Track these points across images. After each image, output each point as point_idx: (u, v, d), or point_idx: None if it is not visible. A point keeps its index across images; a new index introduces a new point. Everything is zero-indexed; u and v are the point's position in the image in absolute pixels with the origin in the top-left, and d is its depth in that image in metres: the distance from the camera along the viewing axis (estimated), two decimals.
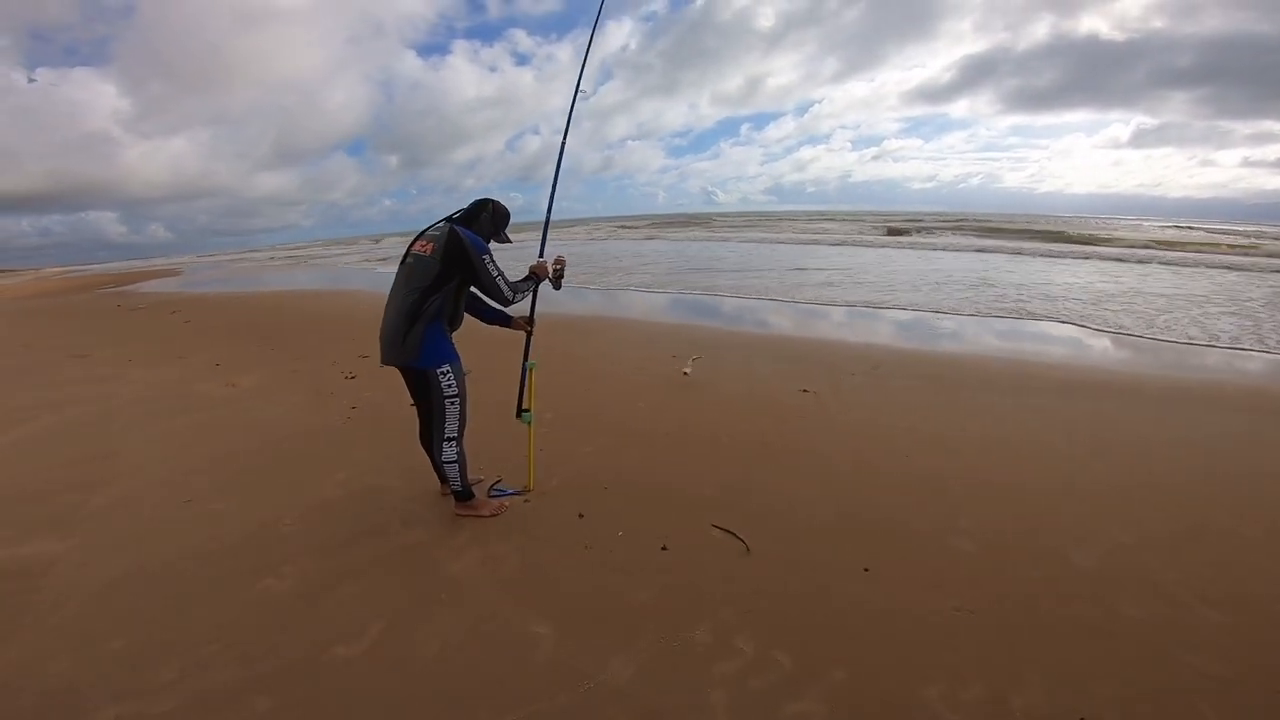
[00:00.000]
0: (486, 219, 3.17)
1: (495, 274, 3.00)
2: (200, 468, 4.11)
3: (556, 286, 3.40)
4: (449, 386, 3.07)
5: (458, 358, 3.11)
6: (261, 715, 2.03)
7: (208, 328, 10.67)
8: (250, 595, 2.67)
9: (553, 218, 3.48)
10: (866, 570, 2.74)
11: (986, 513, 3.21)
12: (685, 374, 4.34)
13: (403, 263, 3.07)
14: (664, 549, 2.92)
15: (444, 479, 3.32)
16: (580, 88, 3.53)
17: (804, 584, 2.66)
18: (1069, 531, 3.04)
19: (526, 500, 3.42)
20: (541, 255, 3.39)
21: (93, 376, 7.06)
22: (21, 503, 3.71)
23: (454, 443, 3.14)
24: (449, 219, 3.14)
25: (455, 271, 2.98)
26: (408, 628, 2.43)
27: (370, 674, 2.21)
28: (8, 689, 2.18)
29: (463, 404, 3.12)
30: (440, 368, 3.04)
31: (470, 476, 3.26)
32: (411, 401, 3.35)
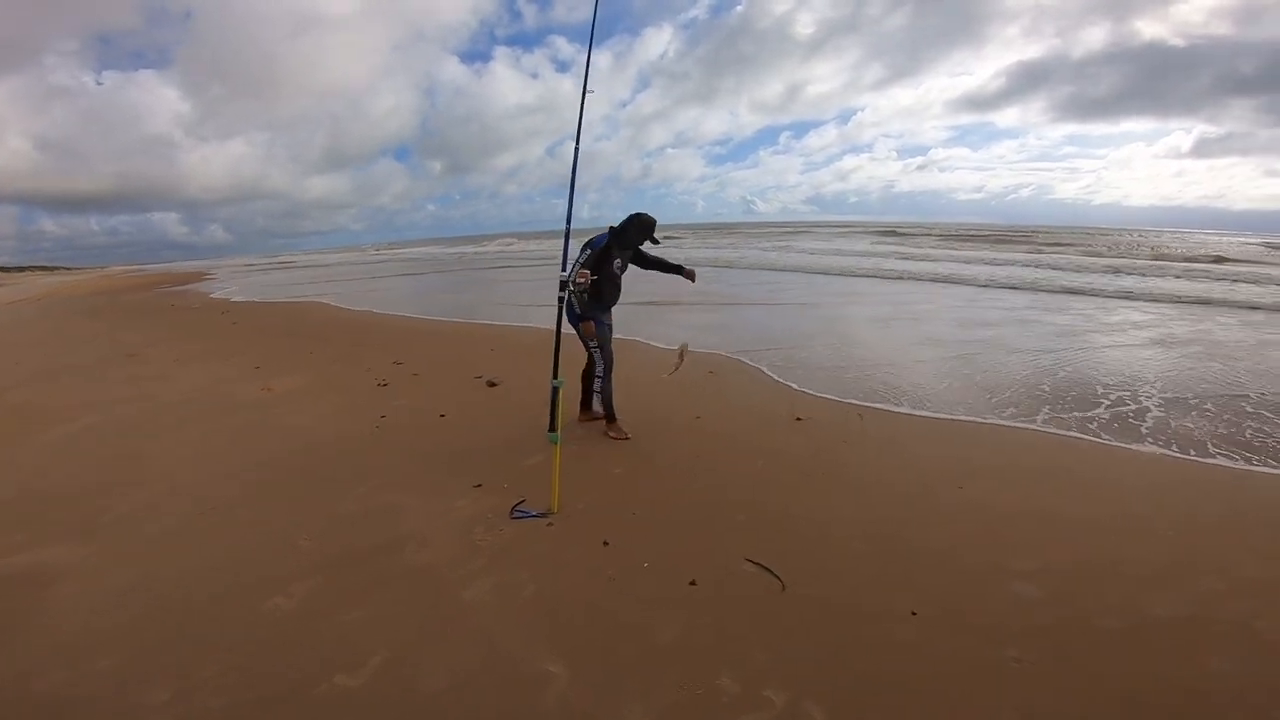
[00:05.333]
0: (633, 228, 4.27)
1: (580, 262, 4.01)
2: (227, 475, 4.08)
3: (581, 302, 4.05)
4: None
5: (600, 320, 4.32)
6: None
7: (254, 330, 10.89)
8: (256, 614, 2.57)
9: (575, 226, 3.61)
10: (914, 614, 2.48)
11: (1049, 551, 2.91)
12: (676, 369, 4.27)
13: None
14: (692, 583, 2.71)
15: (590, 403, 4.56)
16: (588, 88, 3.66)
17: (843, 627, 2.42)
18: (1148, 575, 2.73)
19: (550, 524, 3.25)
20: (564, 269, 3.61)
21: (139, 376, 7.22)
22: (49, 504, 3.74)
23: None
24: (611, 228, 4.28)
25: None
26: (413, 658, 2.29)
27: (369, 707, 2.07)
28: None
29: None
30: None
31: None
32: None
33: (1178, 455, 4.15)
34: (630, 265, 4.52)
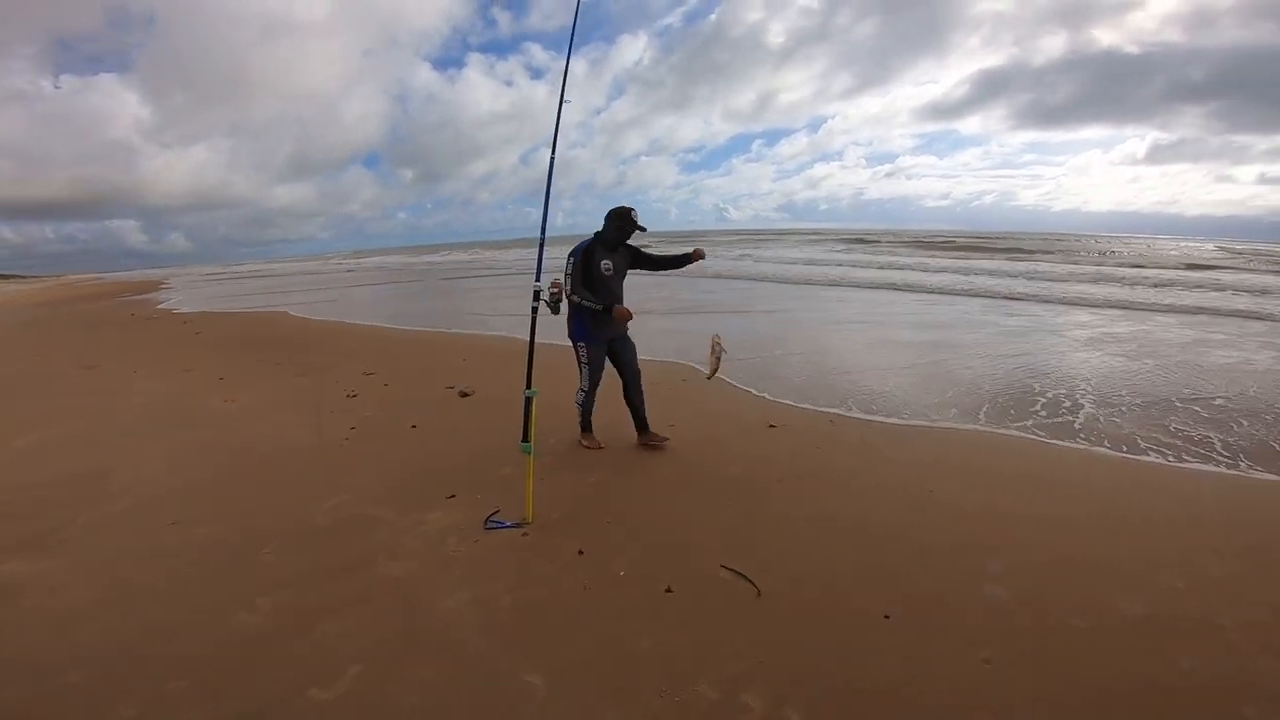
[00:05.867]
0: (612, 225, 4.14)
1: (567, 273, 4.04)
2: (190, 488, 3.99)
3: (554, 311, 3.84)
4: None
5: (592, 339, 4.22)
6: None
7: (217, 340, 10.67)
8: (224, 629, 2.52)
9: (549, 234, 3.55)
10: (887, 617, 2.51)
11: (1019, 554, 2.97)
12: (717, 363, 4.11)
13: None
14: (668, 591, 2.72)
15: (645, 424, 4.51)
16: (566, 98, 3.62)
17: (818, 632, 2.44)
18: (1113, 575, 2.80)
19: (525, 534, 3.23)
20: (538, 279, 3.55)
21: (98, 388, 7.02)
22: (11, 517, 3.64)
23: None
24: (596, 233, 4.19)
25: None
26: (388, 672, 2.25)
27: None
28: None
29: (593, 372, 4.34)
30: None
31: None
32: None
33: (1138, 457, 4.28)
34: (640, 269, 4.41)
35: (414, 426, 5.04)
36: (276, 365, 7.92)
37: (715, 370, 4.18)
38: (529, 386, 3.37)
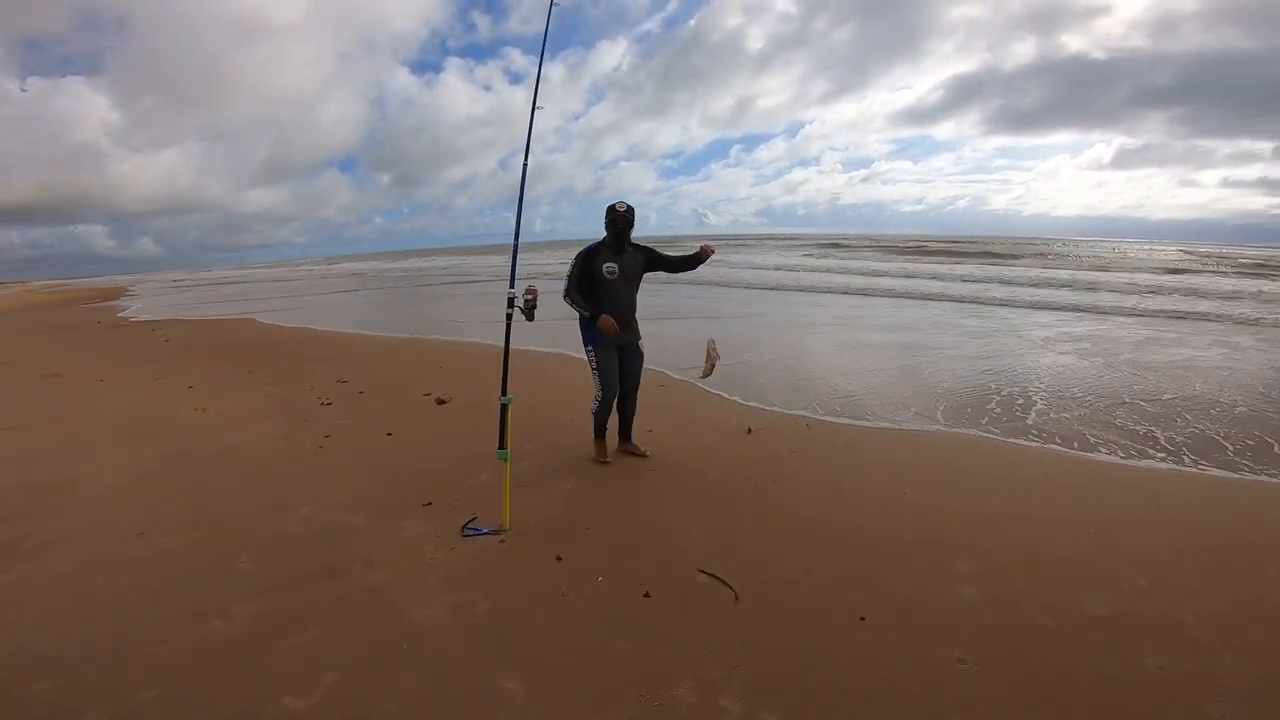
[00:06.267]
0: (608, 225, 4.02)
1: (568, 273, 4.03)
2: (159, 498, 3.92)
3: (529, 318, 3.55)
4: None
5: (598, 341, 4.08)
6: None
7: (187, 347, 10.48)
8: (195, 638, 2.48)
9: (527, 240, 3.45)
10: (862, 619, 2.54)
11: (989, 554, 3.02)
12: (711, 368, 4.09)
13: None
14: (646, 596, 2.72)
15: (629, 433, 4.51)
16: (538, 104, 3.65)
17: (795, 635, 2.47)
18: (1079, 574, 2.86)
19: (502, 541, 3.22)
20: (512, 285, 3.46)
21: (63, 397, 6.86)
22: None
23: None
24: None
25: None
26: (364, 680, 2.23)
27: None
28: None
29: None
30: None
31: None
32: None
33: (1103, 457, 4.37)
34: (657, 271, 4.31)
35: (390, 434, 5.00)
36: (248, 373, 7.80)
37: (709, 373, 4.17)
38: (504, 393, 3.36)
